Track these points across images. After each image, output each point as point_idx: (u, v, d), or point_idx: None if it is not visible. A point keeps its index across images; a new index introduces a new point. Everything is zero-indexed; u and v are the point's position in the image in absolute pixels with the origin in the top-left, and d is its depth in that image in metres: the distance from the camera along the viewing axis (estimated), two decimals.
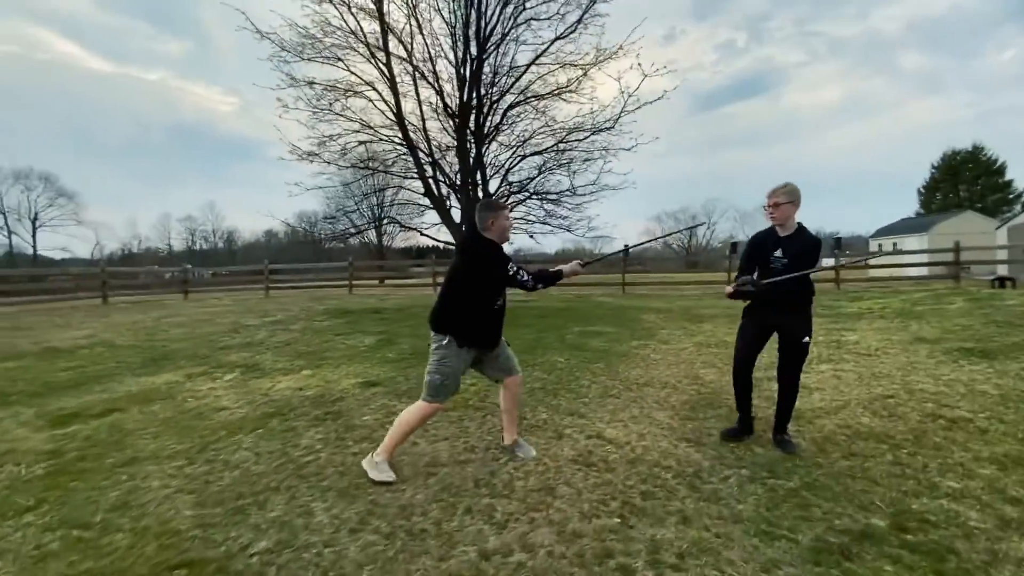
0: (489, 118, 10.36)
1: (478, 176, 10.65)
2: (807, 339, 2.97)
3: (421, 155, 10.36)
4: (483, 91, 10.21)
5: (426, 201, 10.50)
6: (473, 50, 9.85)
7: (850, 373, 4.76)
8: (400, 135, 10.08)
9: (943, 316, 7.73)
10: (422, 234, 11.71)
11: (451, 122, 10.32)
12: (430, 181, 10.29)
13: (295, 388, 4.51)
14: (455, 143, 10.40)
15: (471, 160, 10.25)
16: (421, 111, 10.29)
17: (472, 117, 10.23)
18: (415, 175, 10.21)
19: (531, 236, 11.02)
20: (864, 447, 3.07)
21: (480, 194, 10.27)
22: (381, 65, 9.81)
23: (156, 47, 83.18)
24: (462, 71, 9.98)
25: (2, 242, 46.10)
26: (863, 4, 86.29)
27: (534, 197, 11.10)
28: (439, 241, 11.53)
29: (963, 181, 47.23)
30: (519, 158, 10.42)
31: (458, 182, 10.46)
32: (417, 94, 10.16)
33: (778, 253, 2.92)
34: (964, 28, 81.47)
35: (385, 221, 10.93)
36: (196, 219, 56.90)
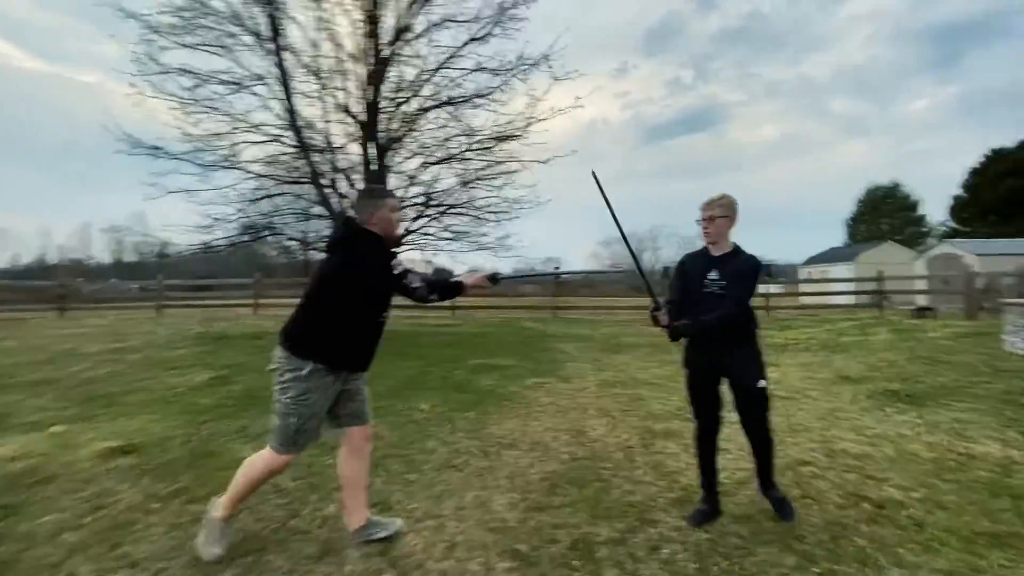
0: (397, 122, 9.32)
1: (386, 185, 9.52)
2: (762, 383, 2.43)
3: (318, 160, 9.16)
4: (390, 92, 9.19)
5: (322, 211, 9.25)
6: (380, 46, 8.85)
7: None
8: (293, 136, 8.85)
9: (868, 349, 7.24)
10: (307, 247, 10.37)
11: (355, 125, 9.20)
12: (326, 191, 9.07)
13: (6, 457, 3.15)
14: (360, 149, 9.27)
15: (377, 167, 9.14)
16: (326, 111, 9.13)
17: (379, 120, 9.17)
18: (306, 181, 8.95)
19: (432, 252, 9.99)
20: (761, 559, 2.12)
21: None
22: (269, 56, 8.62)
23: (93, 48, 77.69)
24: (367, 69, 8.92)
25: None
26: (795, 50, 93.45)
27: (451, 210, 10.09)
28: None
29: (884, 215, 50.60)
30: (426, 165, 9.36)
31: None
32: (319, 93, 9.01)
33: (713, 275, 2.46)
34: (884, 77, 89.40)
35: (267, 233, 9.32)
36: (125, 228, 52.14)
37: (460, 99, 9.01)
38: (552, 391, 5.15)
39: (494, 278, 2.40)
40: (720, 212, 2.47)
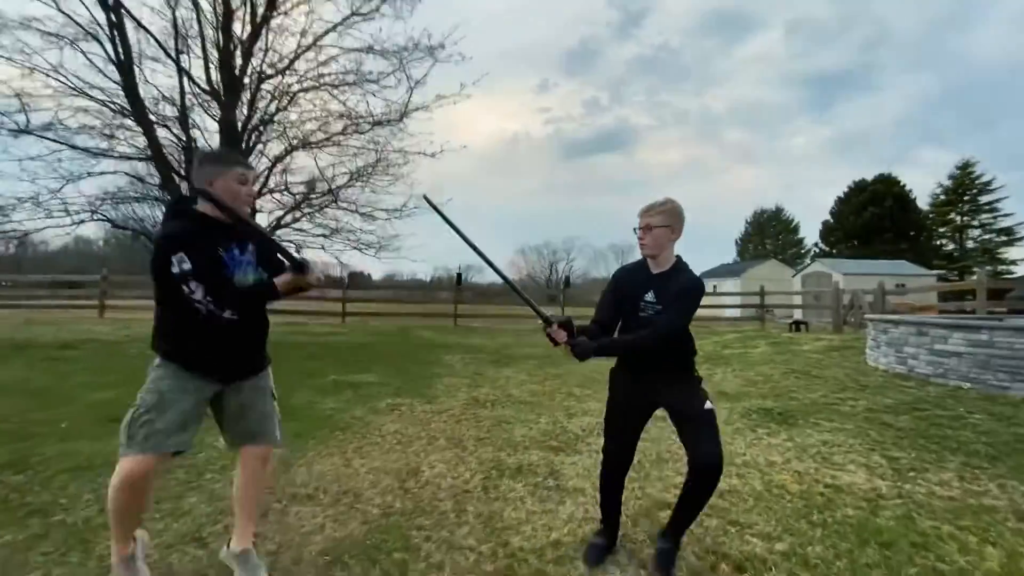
0: (266, 99, 8.13)
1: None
2: (708, 404, 2.03)
3: (165, 136, 7.72)
4: (261, 66, 8.00)
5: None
6: (247, 11, 7.65)
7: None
8: (129, 105, 7.35)
9: (747, 363, 7.26)
10: (149, 239, 8.79)
11: (214, 102, 7.88)
12: (174, 175, 7.64)
13: None
14: (220, 126, 7.95)
15: (240, 149, 7.87)
16: (182, 87, 7.69)
17: (244, 95, 7.93)
18: (141, 158, 7.47)
19: (299, 249, 8.88)
20: None
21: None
22: (103, 8, 7.10)
23: None
24: (230, 38, 7.67)
25: None
26: (698, 83, 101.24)
27: (334, 204, 9.01)
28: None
29: (769, 235, 55.92)
30: (292, 149, 8.23)
31: None
32: (178, 66, 7.57)
33: (650, 296, 2.07)
34: (771, 114, 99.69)
35: (96, 217, 7.68)
36: None
37: (341, 81, 8.03)
38: (405, 415, 4.37)
39: (312, 277, 1.80)
40: (659, 220, 2.02)
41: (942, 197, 42.93)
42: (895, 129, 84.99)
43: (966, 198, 41.16)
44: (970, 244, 40.95)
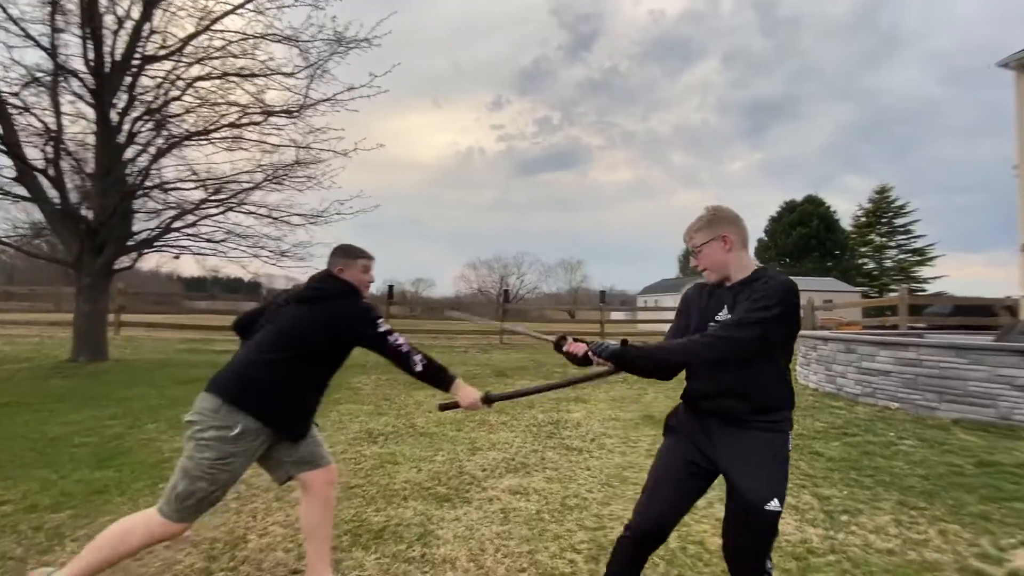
0: (154, 88, 7.14)
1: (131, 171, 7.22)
2: (774, 503, 1.37)
3: (24, 123, 6.58)
4: (145, 48, 7.02)
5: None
6: None
7: (530, 501, 2.84)
8: None
9: (680, 380, 6.90)
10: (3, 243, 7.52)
11: (78, 83, 6.78)
12: (33, 166, 6.50)
13: None
14: (95, 113, 6.88)
15: (113, 139, 6.84)
16: (56, 69, 6.58)
17: (123, 81, 6.91)
18: None
19: (184, 254, 7.91)
20: None
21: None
22: None
23: None
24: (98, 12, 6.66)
25: None
26: (645, 107, 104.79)
27: (240, 207, 8.03)
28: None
29: None
30: (173, 139, 7.20)
31: (89, 171, 6.87)
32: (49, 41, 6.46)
33: (723, 315, 1.54)
34: (712, 139, 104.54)
35: None
36: None
37: (242, 69, 7.17)
38: None
39: (488, 399, 1.99)
40: (703, 237, 1.60)
41: (863, 219, 46.07)
42: (822, 155, 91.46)
43: (883, 220, 44.36)
44: (888, 263, 44.04)
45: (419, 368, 1.97)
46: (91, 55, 6.71)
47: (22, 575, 1.94)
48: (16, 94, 6.53)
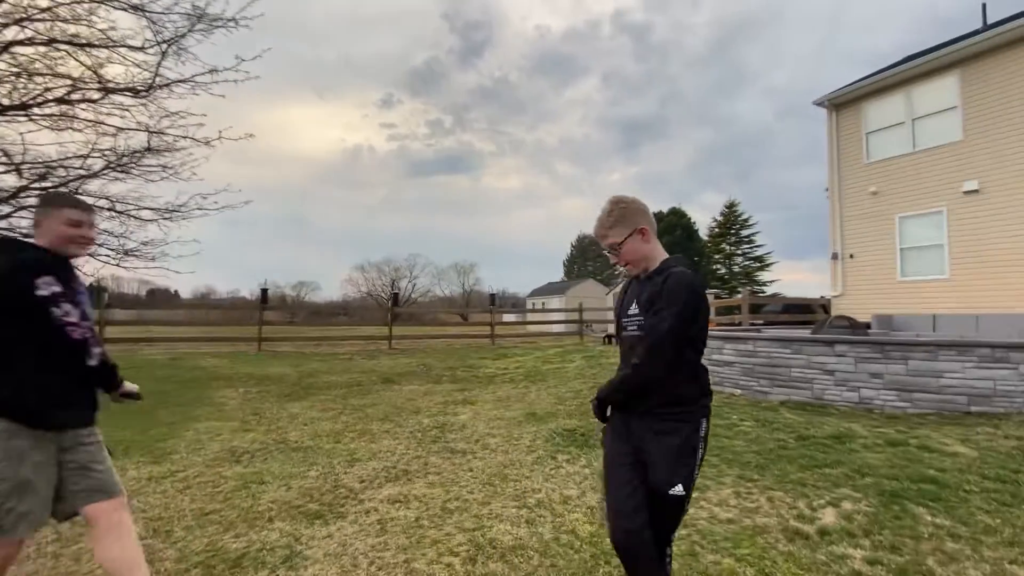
0: None
1: None
2: (678, 488, 1.45)
3: None
4: None
5: None
6: None
7: (410, 509, 2.77)
8: None
9: (562, 378, 7.28)
10: None
11: None
12: None
13: None
14: None
15: None
16: None
17: None
18: None
19: None
20: None
21: None
22: None
23: None
24: None
25: None
26: (533, 117, 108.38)
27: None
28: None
29: (589, 258, 62.04)
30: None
31: None
32: None
33: (633, 310, 1.57)
34: (592, 152, 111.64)
35: None
36: None
37: (73, 36, 6.09)
38: None
39: None
40: (619, 233, 1.57)
41: (716, 230, 52.36)
42: (685, 172, 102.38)
43: (732, 231, 50.85)
44: (736, 268, 50.64)
45: (95, 362, 1.65)
46: None
47: None
48: None
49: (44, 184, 6.59)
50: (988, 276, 8.97)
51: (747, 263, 50.76)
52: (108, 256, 6.67)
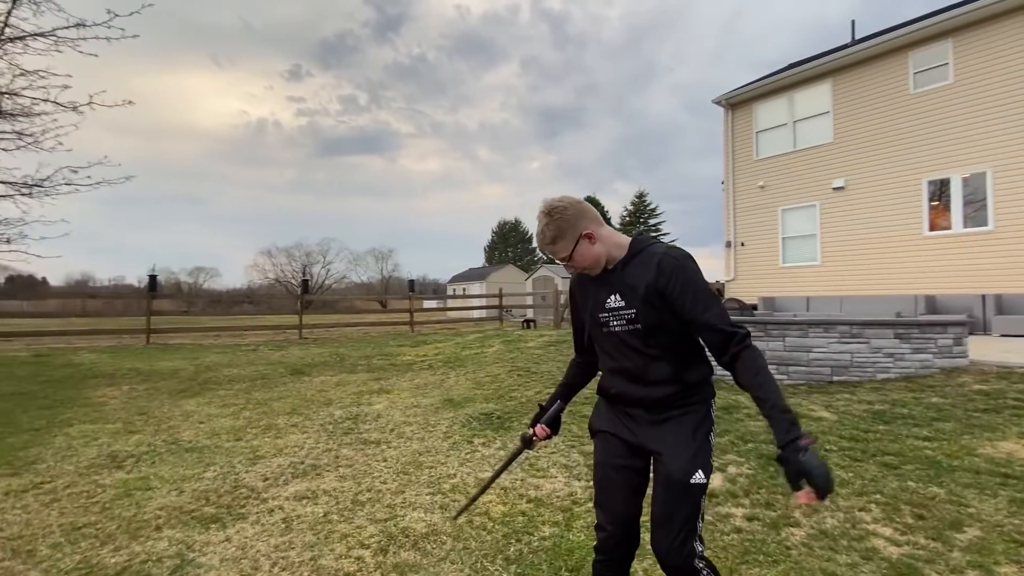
0: None
1: None
2: (699, 475, 1.32)
3: None
4: None
5: None
6: None
7: (318, 504, 2.67)
8: None
9: (480, 364, 7.33)
10: None
11: None
12: None
13: None
14: None
15: None
16: None
17: None
18: None
19: None
20: None
21: None
22: None
23: None
24: None
25: None
26: (454, 99, 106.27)
27: None
28: None
29: (510, 244, 62.73)
30: None
31: None
32: None
33: (613, 301, 1.41)
34: (513, 139, 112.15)
35: None
36: None
37: None
38: None
39: None
40: (566, 244, 1.40)
41: (627, 219, 55.06)
42: (599, 162, 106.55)
43: (641, 220, 53.78)
44: None
45: None
46: None
47: None
48: None
49: None
50: (851, 263, 10.28)
51: None
52: None
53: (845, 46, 11.17)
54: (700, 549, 1.36)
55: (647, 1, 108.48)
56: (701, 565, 1.35)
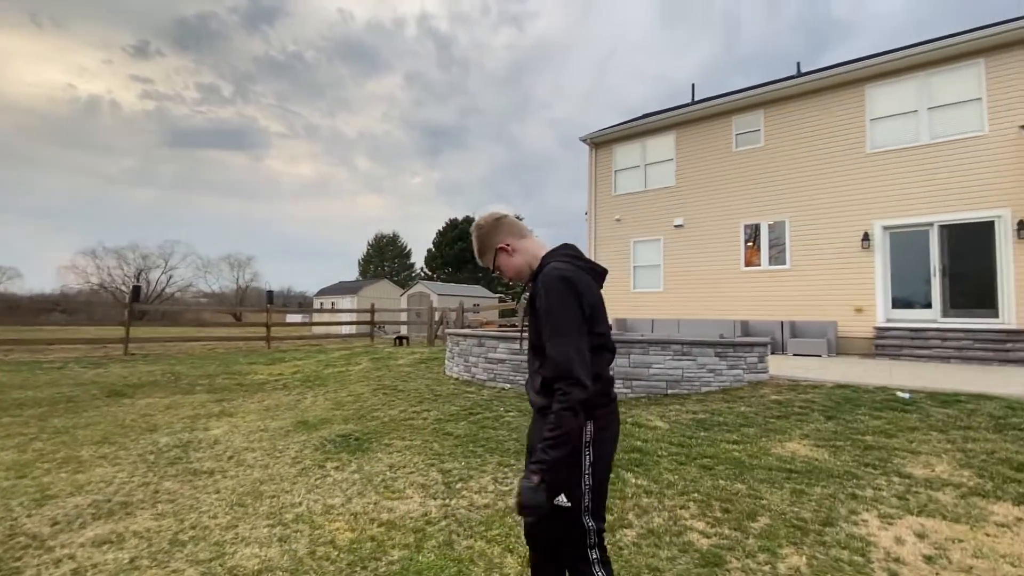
0: None
1: None
2: (562, 497, 1.36)
3: None
4: None
5: None
6: None
7: (124, 549, 2.28)
8: None
9: (343, 382, 6.94)
10: None
11: None
12: None
13: None
14: None
15: None
16: None
17: None
18: None
19: None
20: None
21: None
22: None
23: None
24: None
25: None
26: (331, 104, 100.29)
27: None
28: None
29: (386, 258, 60.85)
30: None
31: None
32: None
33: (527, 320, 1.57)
34: (394, 151, 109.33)
35: None
36: None
37: None
38: None
39: None
40: (489, 258, 1.57)
41: None
42: (480, 184, 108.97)
43: None
44: None
45: None
46: None
47: None
48: None
49: None
50: (687, 291, 11.81)
51: None
52: None
53: (686, 104, 13.01)
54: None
55: (530, 36, 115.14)
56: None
